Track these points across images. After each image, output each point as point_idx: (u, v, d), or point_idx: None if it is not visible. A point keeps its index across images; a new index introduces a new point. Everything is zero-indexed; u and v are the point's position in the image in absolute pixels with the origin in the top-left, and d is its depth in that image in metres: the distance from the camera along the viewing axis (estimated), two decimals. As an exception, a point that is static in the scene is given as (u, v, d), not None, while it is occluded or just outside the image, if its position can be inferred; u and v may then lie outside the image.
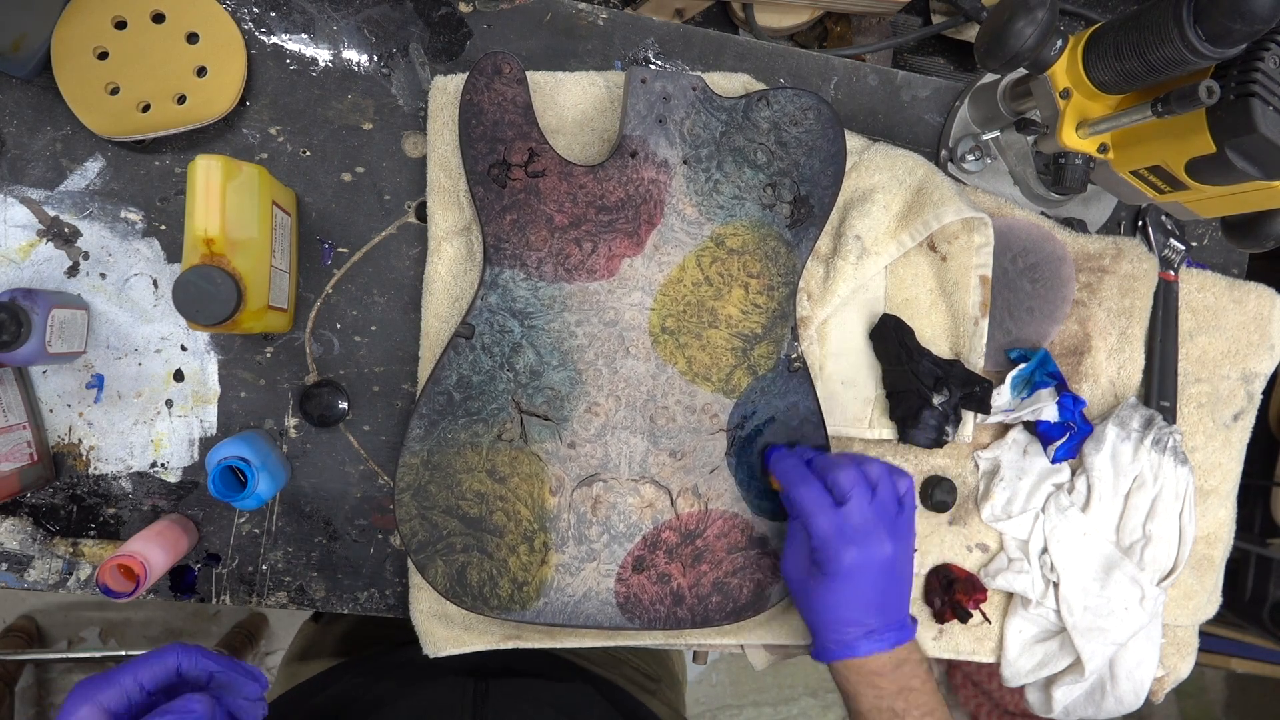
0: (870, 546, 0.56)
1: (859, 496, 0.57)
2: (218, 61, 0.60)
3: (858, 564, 0.56)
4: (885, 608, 0.58)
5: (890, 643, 0.57)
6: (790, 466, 0.60)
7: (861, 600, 0.57)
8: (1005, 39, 0.53)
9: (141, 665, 0.47)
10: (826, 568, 0.57)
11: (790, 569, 0.60)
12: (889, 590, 0.58)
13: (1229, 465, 0.77)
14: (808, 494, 0.57)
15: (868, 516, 0.57)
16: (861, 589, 0.57)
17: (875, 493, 0.58)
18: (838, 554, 0.56)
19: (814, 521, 0.57)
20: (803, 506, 0.57)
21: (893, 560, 0.57)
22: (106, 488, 0.64)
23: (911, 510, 0.60)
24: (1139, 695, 0.73)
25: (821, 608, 0.58)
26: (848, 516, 0.56)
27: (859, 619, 0.57)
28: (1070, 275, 0.71)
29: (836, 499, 0.57)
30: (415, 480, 0.59)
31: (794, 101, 0.62)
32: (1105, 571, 0.71)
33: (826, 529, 0.56)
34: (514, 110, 0.59)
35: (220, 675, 0.49)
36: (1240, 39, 0.49)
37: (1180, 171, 0.57)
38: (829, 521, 0.56)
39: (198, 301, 0.52)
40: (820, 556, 0.57)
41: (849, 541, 0.56)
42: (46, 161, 0.62)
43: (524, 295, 0.60)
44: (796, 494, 0.58)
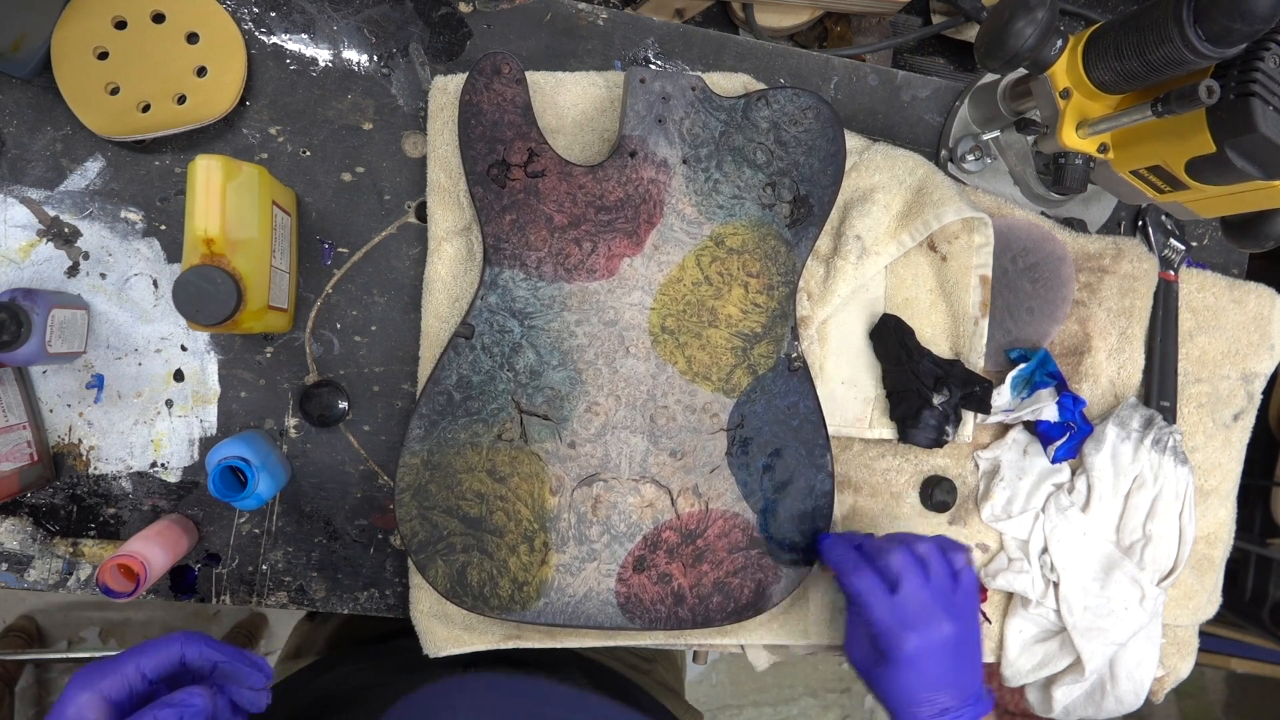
0: (929, 630, 0.56)
1: (911, 579, 0.57)
2: (218, 61, 0.60)
3: (919, 649, 0.56)
4: (958, 687, 0.58)
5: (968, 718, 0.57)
6: (842, 554, 0.60)
7: (929, 683, 0.57)
8: (1005, 39, 0.53)
9: (145, 653, 0.46)
10: (890, 655, 0.57)
11: (855, 654, 0.60)
12: (959, 669, 0.58)
13: (1229, 465, 0.77)
14: (861, 582, 0.58)
15: (924, 600, 0.57)
16: (927, 672, 0.57)
17: (929, 573, 0.58)
18: (898, 642, 0.56)
19: (870, 611, 0.57)
20: (858, 596, 0.58)
21: (955, 639, 0.57)
22: (106, 488, 0.64)
23: (971, 583, 0.60)
24: (1139, 695, 0.73)
25: (892, 693, 0.58)
26: (903, 603, 0.57)
27: (930, 699, 0.57)
28: (1070, 275, 0.71)
29: (889, 585, 0.57)
30: (415, 480, 0.59)
31: (793, 101, 0.62)
32: (1105, 571, 0.71)
33: (884, 617, 0.57)
34: (513, 110, 0.59)
35: (225, 665, 0.48)
36: (1240, 39, 0.49)
37: (1180, 171, 0.57)
38: (885, 609, 0.57)
39: (198, 301, 0.52)
40: (882, 644, 0.57)
41: (906, 628, 0.56)
42: (46, 161, 0.62)
43: (524, 295, 0.60)
44: (849, 583, 0.58)
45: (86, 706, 0.43)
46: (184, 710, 0.43)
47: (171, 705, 0.43)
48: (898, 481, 0.71)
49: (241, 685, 0.48)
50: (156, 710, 0.43)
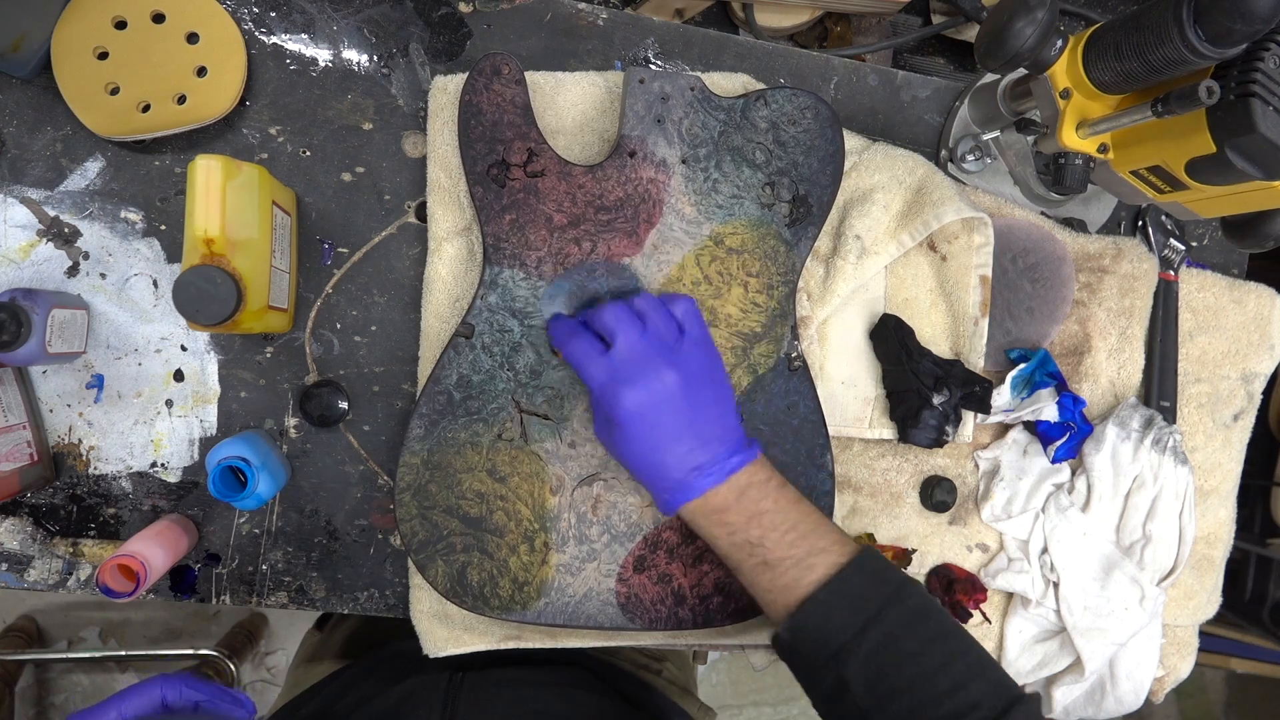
0: (649, 382, 0.52)
1: (625, 333, 0.53)
2: (218, 61, 0.60)
3: (641, 404, 0.52)
4: (703, 438, 0.54)
5: (722, 473, 0.53)
6: (561, 325, 0.57)
7: (664, 438, 0.53)
8: (1005, 39, 0.53)
9: (126, 699, 0.47)
10: (615, 416, 0.53)
11: (599, 433, 0.56)
12: (696, 420, 0.54)
13: (1229, 465, 0.77)
14: (578, 347, 0.54)
15: (640, 350, 0.53)
16: (658, 427, 0.53)
17: (645, 324, 0.54)
18: (616, 398, 0.52)
19: (588, 373, 0.54)
20: (576, 362, 0.54)
21: (682, 388, 0.53)
22: (106, 488, 0.64)
23: (699, 332, 0.56)
24: (1139, 695, 0.73)
25: (633, 460, 0.54)
26: (618, 357, 0.53)
27: (677, 461, 0.53)
28: (1070, 275, 0.71)
29: (606, 344, 0.54)
30: (415, 480, 0.59)
31: (792, 101, 0.62)
32: (1105, 571, 0.71)
33: (600, 376, 0.53)
34: (513, 110, 0.59)
35: (206, 704, 0.49)
36: (1240, 39, 0.49)
37: (1180, 171, 0.57)
38: (600, 368, 0.53)
39: (198, 301, 0.52)
40: (606, 409, 0.53)
41: (622, 382, 0.52)
42: (46, 161, 0.62)
43: (524, 295, 0.60)
44: (568, 351, 0.54)
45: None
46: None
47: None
48: (898, 481, 0.71)
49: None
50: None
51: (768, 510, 0.54)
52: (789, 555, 0.53)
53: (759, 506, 0.54)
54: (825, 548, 0.53)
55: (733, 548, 0.54)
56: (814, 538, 0.53)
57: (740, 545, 0.54)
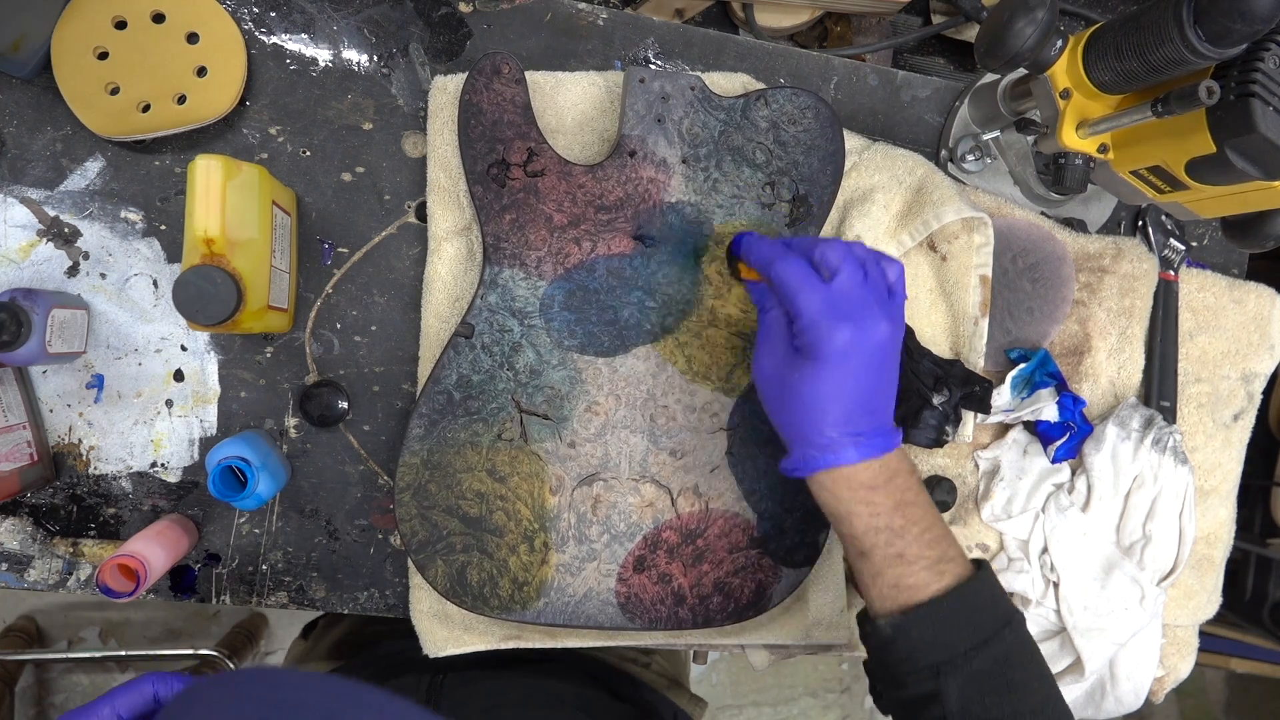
0: (866, 325, 0.49)
1: (850, 271, 0.50)
2: (218, 61, 0.60)
3: (852, 344, 0.49)
4: (875, 408, 0.51)
5: (881, 448, 0.50)
6: (767, 245, 0.53)
7: (852, 391, 0.49)
8: (1005, 39, 0.53)
9: (118, 695, 0.48)
10: (816, 350, 0.49)
11: (766, 366, 0.52)
12: (880, 386, 0.51)
13: (1229, 465, 0.77)
14: (792, 269, 0.50)
15: (863, 294, 0.50)
16: (854, 377, 0.49)
17: (867, 273, 0.51)
18: (830, 331, 0.48)
19: (801, 298, 0.49)
20: (787, 282, 0.50)
21: (888, 346, 0.50)
22: (106, 488, 0.64)
23: (903, 301, 0.53)
24: (1139, 695, 0.73)
25: (807, 402, 0.50)
26: (840, 290, 0.49)
27: (846, 418, 0.50)
28: (1070, 275, 0.71)
29: (825, 275, 0.50)
30: (415, 480, 0.59)
31: (792, 101, 0.62)
32: (1105, 571, 0.71)
33: (816, 304, 0.49)
34: (513, 110, 0.59)
35: None
36: (1240, 39, 0.49)
37: (1180, 171, 0.57)
38: (819, 296, 0.49)
39: (198, 301, 0.52)
40: (809, 339, 0.49)
41: (843, 317, 0.49)
42: (46, 161, 0.62)
43: (523, 294, 0.60)
44: (779, 270, 0.51)
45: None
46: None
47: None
48: (898, 481, 0.71)
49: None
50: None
51: (912, 502, 0.51)
52: (925, 554, 0.50)
53: (905, 496, 0.51)
54: (955, 556, 0.51)
55: (870, 531, 0.51)
56: (945, 544, 0.51)
57: (880, 530, 0.51)
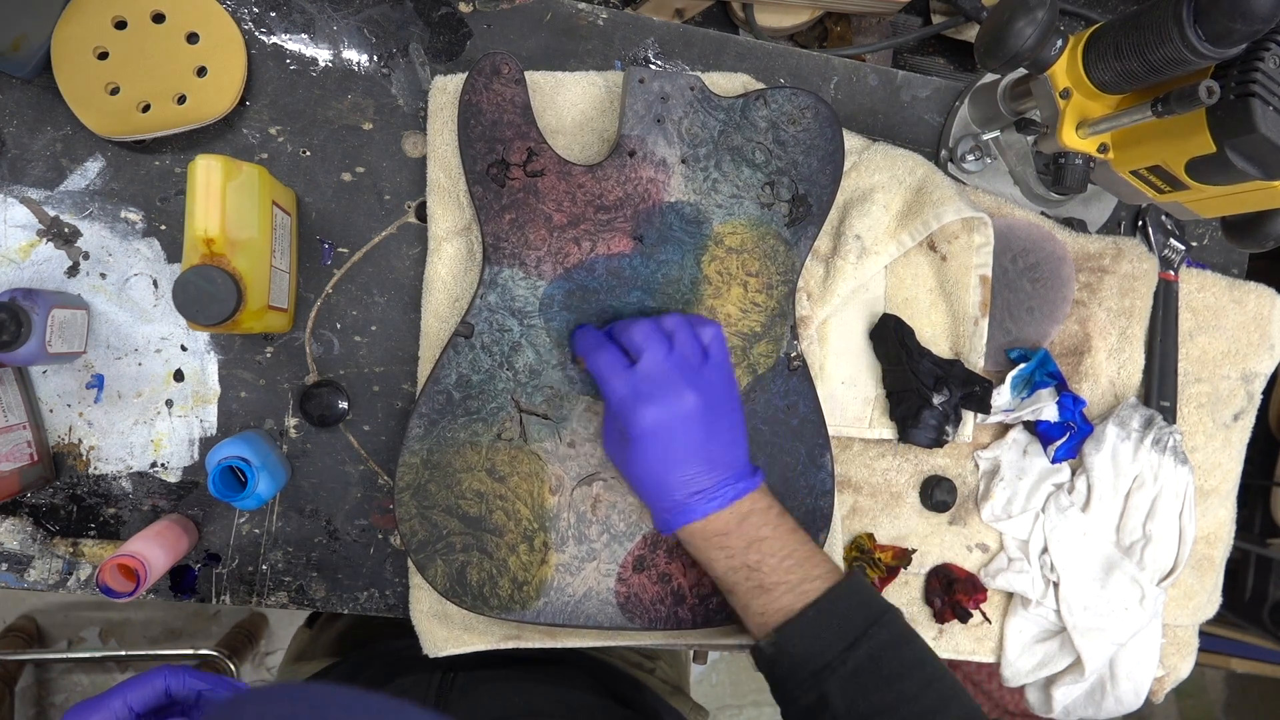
0: (669, 401, 0.53)
1: (652, 350, 0.54)
2: (218, 61, 0.60)
3: (658, 422, 0.53)
4: (711, 463, 0.54)
5: (727, 499, 0.54)
6: (587, 336, 0.57)
7: (675, 459, 0.54)
8: (1005, 39, 0.53)
9: (130, 688, 0.48)
10: (629, 432, 0.54)
11: (608, 446, 0.58)
12: (709, 444, 0.54)
13: (1229, 465, 0.77)
14: (602, 359, 0.55)
15: (664, 370, 0.54)
16: (671, 447, 0.53)
17: (673, 344, 0.55)
18: (634, 414, 0.53)
19: (610, 386, 0.54)
20: (599, 373, 0.55)
21: (700, 412, 0.54)
22: (106, 488, 0.64)
23: (722, 358, 0.57)
24: (1139, 695, 0.73)
25: (640, 476, 0.55)
26: (641, 373, 0.53)
27: (682, 482, 0.54)
28: (1070, 275, 0.71)
29: (631, 359, 0.54)
30: (415, 479, 0.59)
31: (791, 101, 0.62)
32: (1105, 571, 0.71)
33: (621, 390, 0.54)
34: (513, 110, 0.59)
35: (208, 694, 0.49)
36: (1240, 39, 0.49)
37: (1180, 171, 0.57)
38: (623, 383, 0.54)
39: (198, 301, 0.52)
40: (622, 423, 0.54)
41: (643, 399, 0.53)
42: (46, 161, 0.62)
43: (523, 294, 0.60)
44: (592, 362, 0.55)
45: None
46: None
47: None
48: (898, 481, 0.71)
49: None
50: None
51: (767, 537, 0.55)
52: (784, 580, 0.54)
53: (759, 533, 0.55)
54: (820, 575, 0.55)
55: (729, 570, 0.55)
56: (809, 565, 0.55)
57: (738, 569, 0.55)
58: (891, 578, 0.69)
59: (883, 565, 0.69)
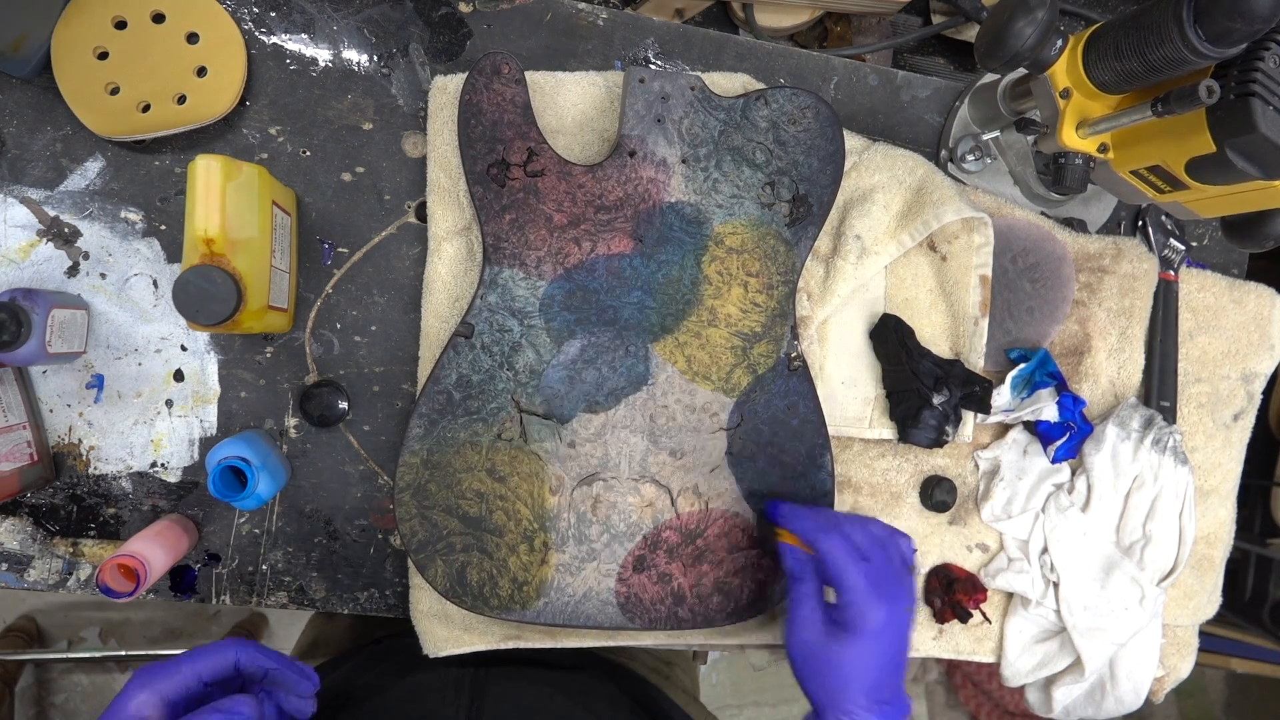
0: (898, 604, 0.54)
1: (879, 552, 0.55)
2: (218, 61, 0.60)
3: (888, 620, 0.53)
4: (898, 678, 0.55)
5: (898, 715, 0.54)
6: (811, 517, 0.57)
7: (884, 663, 0.54)
8: (1005, 39, 0.53)
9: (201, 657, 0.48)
10: (857, 625, 0.53)
11: (802, 637, 0.55)
12: (904, 658, 0.55)
13: (1229, 465, 0.77)
14: (839, 545, 0.54)
15: (894, 574, 0.54)
16: (887, 651, 0.54)
17: (888, 552, 0.56)
18: (868, 611, 0.53)
19: (847, 574, 0.53)
20: (834, 559, 0.54)
21: (910, 624, 0.55)
22: (106, 488, 0.64)
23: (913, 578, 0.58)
24: (1139, 695, 0.73)
25: (846, 673, 0.54)
26: (877, 568, 0.54)
27: (875, 687, 0.53)
28: (1070, 275, 0.71)
29: (860, 553, 0.54)
30: (415, 479, 0.59)
31: (792, 101, 0.62)
32: (1105, 571, 0.71)
33: (861, 583, 0.53)
34: (513, 110, 0.59)
35: (275, 673, 0.49)
36: (1240, 39, 0.49)
37: (1180, 171, 0.57)
38: (861, 574, 0.53)
39: (198, 301, 0.52)
40: (851, 614, 0.53)
41: (880, 597, 0.53)
42: (46, 161, 0.62)
43: (523, 294, 0.60)
44: (826, 545, 0.55)
45: (146, 705, 0.45)
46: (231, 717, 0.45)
47: (220, 711, 0.45)
48: (898, 481, 0.71)
49: (290, 693, 0.50)
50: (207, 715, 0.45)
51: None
52: None
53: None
54: None
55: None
56: None
57: None
58: (891, 578, 0.69)
59: (883, 565, 0.69)
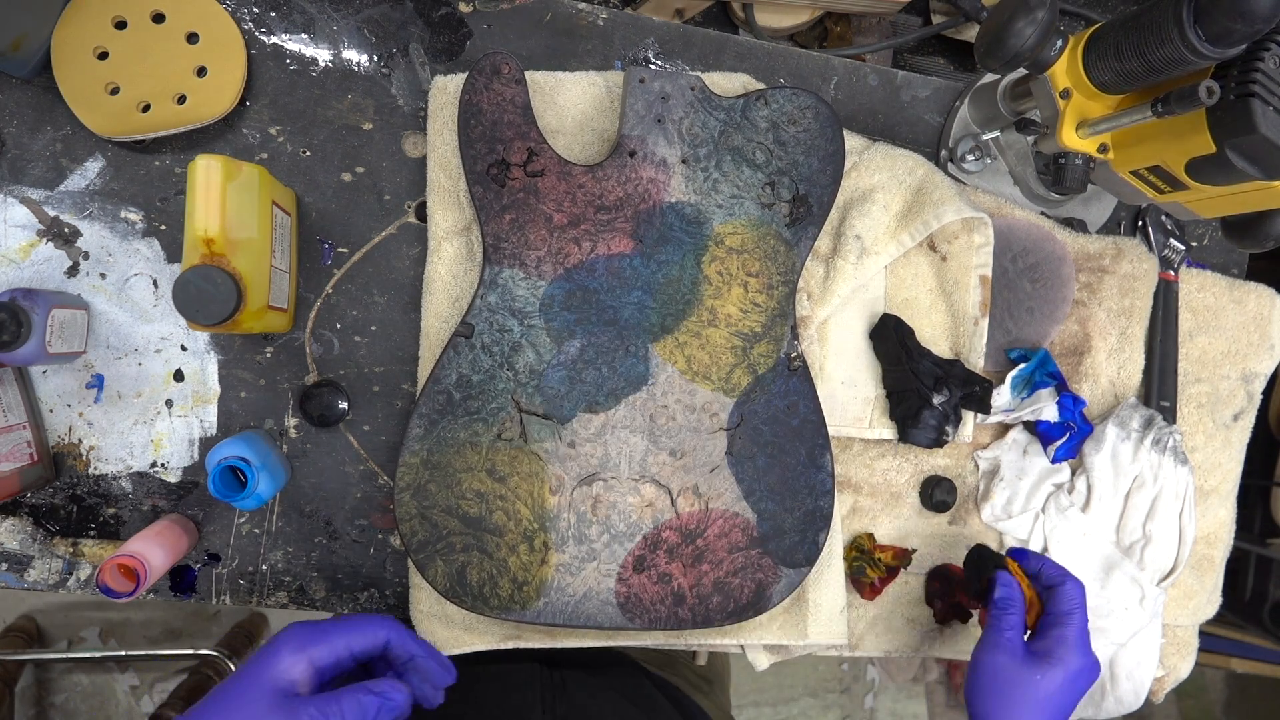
0: (1091, 661, 0.59)
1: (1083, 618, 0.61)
2: (218, 61, 0.60)
3: (1082, 669, 0.58)
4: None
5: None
6: (1054, 563, 0.63)
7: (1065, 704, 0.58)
8: (1005, 39, 0.53)
9: (354, 630, 0.47)
10: (1063, 661, 0.58)
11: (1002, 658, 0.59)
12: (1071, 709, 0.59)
13: (1229, 465, 0.77)
14: (1081, 592, 0.61)
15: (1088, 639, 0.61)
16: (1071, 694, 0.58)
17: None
18: (1079, 651, 0.58)
19: (1077, 615, 0.60)
20: (1077, 599, 0.60)
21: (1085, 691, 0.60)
22: (106, 488, 0.64)
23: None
24: (1139, 695, 0.73)
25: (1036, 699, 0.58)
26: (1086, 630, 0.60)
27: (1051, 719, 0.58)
28: (1070, 275, 0.71)
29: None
30: (415, 479, 0.59)
31: (792, 101, 0.62)
32: (1105, 571, 0.71)
33: (1081, 627, 0.59)
34: (513, 110, 0.59)
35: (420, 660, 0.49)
36: (1240, 39, 0.49)
37: (1180, 171, 0.57)
38: (1085, 622, 0.60)
39: (198, 301, 0.52)
40: (1061, 650, 0.58)
41: (1089, 649, 0.59)
42: (46, 161, 0.62)
43: (523, 294, 0.60)
44: (1074, 587, 0.61)
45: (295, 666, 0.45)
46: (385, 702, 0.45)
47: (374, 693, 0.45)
48: (898, 481, 0.71)
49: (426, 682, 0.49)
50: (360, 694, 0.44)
51: None
52: None
53: None
54: None
55: None
56: None
57: None
58: (891, 578, 0.69)
59: (883, 565, 0.69)
